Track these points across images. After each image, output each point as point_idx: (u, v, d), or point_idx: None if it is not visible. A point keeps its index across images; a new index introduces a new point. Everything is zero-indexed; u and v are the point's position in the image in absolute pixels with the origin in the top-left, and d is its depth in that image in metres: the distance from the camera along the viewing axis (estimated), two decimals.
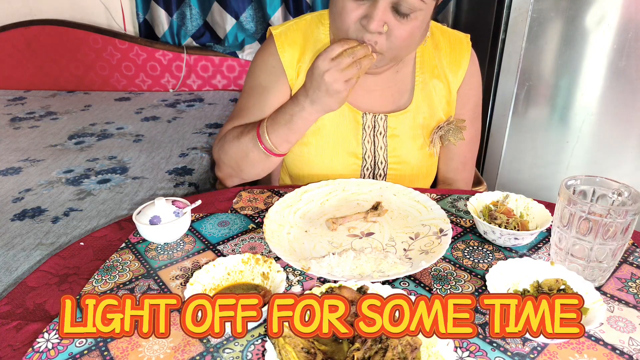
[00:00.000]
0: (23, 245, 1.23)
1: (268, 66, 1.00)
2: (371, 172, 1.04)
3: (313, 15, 1.02)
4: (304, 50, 0.99)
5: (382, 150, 1.01)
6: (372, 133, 1.00)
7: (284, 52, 0.98)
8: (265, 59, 1.01)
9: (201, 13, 2.44)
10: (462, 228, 0.85)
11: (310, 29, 1.00)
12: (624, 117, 1.61)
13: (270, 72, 1.00)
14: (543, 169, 1.77)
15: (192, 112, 2.24)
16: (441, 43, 1.02)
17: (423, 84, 1.01)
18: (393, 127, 1.01)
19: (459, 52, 1.01)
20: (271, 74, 1.00)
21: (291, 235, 0.83)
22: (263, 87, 1.00)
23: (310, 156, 1.03)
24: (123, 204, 1.42)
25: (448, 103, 1.03)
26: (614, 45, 1.52)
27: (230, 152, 0.99)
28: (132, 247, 0.80)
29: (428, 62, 1.01)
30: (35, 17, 2.53)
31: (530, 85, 1.65)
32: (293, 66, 0.99)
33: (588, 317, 0.59)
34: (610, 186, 0.71)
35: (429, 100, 1.01)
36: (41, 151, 1.80)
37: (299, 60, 0.99)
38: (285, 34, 0.99)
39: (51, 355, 0.59)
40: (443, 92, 1.02)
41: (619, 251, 0.68)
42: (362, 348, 0.54)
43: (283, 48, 0.98)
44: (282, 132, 0.92)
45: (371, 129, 1.00)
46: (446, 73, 1.01)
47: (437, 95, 1.02)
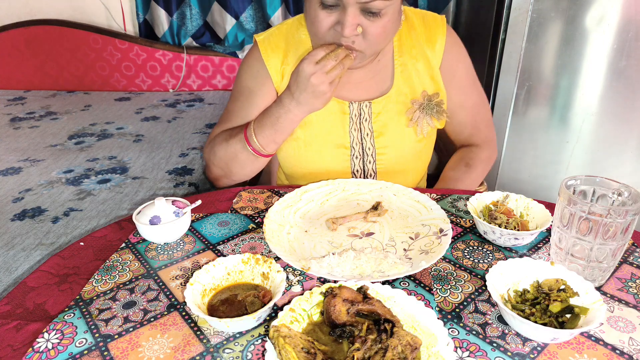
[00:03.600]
0: (23, 245, 1.23)
1: (253, 70, 1.04)
2: (360, 160, 1.06)
3: (294, 19, 1.06)
4: (287, 54, 1.03)
5: (368, 137, 1.04)
6: (358, 121, 1.03)
7: (268, 57, 1.03)
8: (250, 64, 1.05)
9: (201, 13, 2.44)
10: (462, 228, 0.85)
11: (291, 33, 1.04)
12: (624, 117, 1.61)
13: (255, 75, 1.04)
14: (543, 169, 1.77)
15: (192, 112, 2.23)
16: (415, 23, 1.04)
17: (402, 66, 1.04)
18: (377, 113, 1.03)
19: (433, 28, 1.04)
20: (257, 77, 1.04)
21: (291, 235, 0.83)
22: (249, 91, 1.04)
23: (300, 150, 1.06)
24: (123, 204, 1.42)
25: (432, 78, 1.05)
26: (614, 45, 1.52)
27: (220, 154, 1.03)
28: (132, 247, 0.80)
29: (406, 44, 1.04)
30: (35, 17, 2.53)
31: (530, 85, 1.65)
32: (277, 70, 1.03)
33: (588, 317, 0.59)
34: (610, 186, 0.71)
35: (410, 81, 1.04)
36: (41, 151, 1.80)
37: (282, 64, 1.03)
38: (268, 40, 1.04)
39: (51, 355, 0.59)
40: (425, 70, 1.04)
41: (619, 251, 0.67)
42: (362, 348, 0.54)
43: (267, 54, 1.03)
44: (268, 133, 0.97)
45: (357, 117, 1.03)
46: (424, 50, 1.04)
47: (418, 75, 1.04)
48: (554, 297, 0.62)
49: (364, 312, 0.60)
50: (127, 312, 0.66)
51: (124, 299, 0.69)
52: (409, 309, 0.62)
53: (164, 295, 0.69)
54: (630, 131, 1.63)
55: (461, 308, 0.66)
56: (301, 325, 0.61)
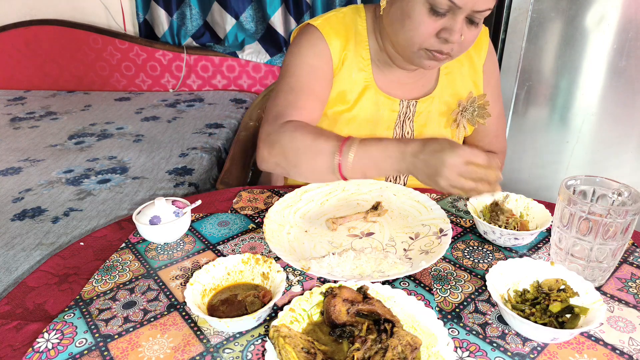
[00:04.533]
0: (23, 245, 1.23)
1: (316, 49, 0.99)
2: None
3: (350, 8, 1.04)
4: (348, 40, 1.01)
5: (408, 135, 1.05)
6: (403, 119, 1.04)
7: (330, 39, 0.98)
8: (313, 42, 0.99)
9: (201, 13, 2.44)
10: (462, 228, 0.85)
11: (350, 20, 1.02)
12: (624, 117, 1.61)
13: (318, 54, 0.99)
14: (543, 169, 1.77)
15: (192, 112, 2.23)
16: None
17: (448, 68, 1.06)
18: (420, 112, 1.04)
19: (481, 35, 1.05)
20: (319, 55, 0.99)
21: (291, 235, 0.83)
22: (311, 67, 0.99)
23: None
24: (123, 204, 1.42)
25: (475, 83, 1.07)
26: (614, 45, 1.52)
27: (296, 143, 0.88)
28: (132, 247, 0.80)
29: None
30: (35, 17, 2.53)
31: (530, 85, 1.65)
32: (338, 54, 1.00)
33: (588, 317, 0.59)
34: (610, 186, 0.71)
35: (453, 83, 1.06)
36: (41, 151, 1.80)
37: (343, 49, 1.00)
38: (328, 23, 1.00)
39: (51, 355, 0.59)
40: (469, 72, 1.07)
41: (619, 251, 0.67)
42: (362, 348, 0.54)
43: (330, 36, 0.99)
44: (366, 164, 0.83)
45: (404, 115, 1.04)
46: (471, 55, 1.06)
47: (462, 78, 1.06)
48: (554, 297, 0.62)
49: (364, 312, 0.60)
50: (127, 312, 0.66)
51: (124, 299, 0.69)
52: (409, 309, 0.62)
53: (164, 295, 0.69)
54: (630, 131, 1.63)
55: (461, 308, 0.66)
56: (301, 325, 0.61)
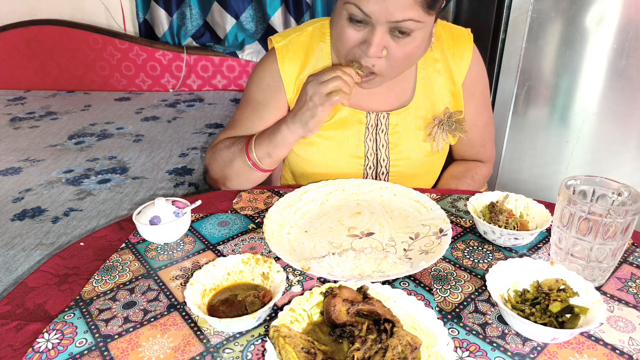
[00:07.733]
0: (23, 245, 1.23)
1: (264, 83, 1.02)
2: (374, 171, 1.05)
3: (315, 28, 1.02)
4: (305, 65, 1.00)
5: (383, 148, 1.02)
6: (374, 131, 1.01)
7: (284, 66, 0.99)
8: (261, 76, 1.02)
9: (201, 13, 2.44)
10: (462, 228, 0.85)
11: (312, 43, 1.00)
12: (624, 117, 1.61)
13: (265, 89, 1.01)
14: (543, 169, 1.77)
15: (192, 112, 2.24)
16: (443, 36, 1.02)
17: (425, 79, 1.02)
18: (394, 124, 1.01)
19: (461, 43, 1.02)
20: (266, 90, 1.01)
21: (291, 235, 0.83)
22: (257, 102, 1.03)
23: (315, 156, 1.04)
24: (123, 204, 1.42)
25: (453, 95, 1.03)
26: (614, 45, 1.52)
27: (219, 160, 1.01)
28: (132, 247, 0.80)
29: (430, 57, 1.02)
30: (35, 17, 2.53)
31: (530, 85, 1.65)
32: (292, 81, 1.00)
33: (588, 317, 0.59)
34: (610, 186, 0.71)
35: (431, 94, 1.02)
36: (41, 151, 1.80)
37: (298, 75, 1.00)
38: (287, 48, 1.00)
39: (51, 356, 0.59)
40: (446, 84, 1.03)
41: (619, 251, 0.67)
42: (362, 348, 0.54)
43: (284, 62, 0.99)
44: (264, 144, 0.95)
45: (374, 128, 1.01)
46: (449, 65, 1.02)
47: (439, 89, 1.02)
48: (554, 297, 0.62)
49: (364, 312, 0.60)
50: (127, 312, 0.66)
51: (124, 299, 0.68)
52: (409, 309, 0.62)
53: (164, 295, 0.69)
54: (630, 131, 1.63)
55: (461, 308, 0.66)
56: (301, 325, 0.61)
